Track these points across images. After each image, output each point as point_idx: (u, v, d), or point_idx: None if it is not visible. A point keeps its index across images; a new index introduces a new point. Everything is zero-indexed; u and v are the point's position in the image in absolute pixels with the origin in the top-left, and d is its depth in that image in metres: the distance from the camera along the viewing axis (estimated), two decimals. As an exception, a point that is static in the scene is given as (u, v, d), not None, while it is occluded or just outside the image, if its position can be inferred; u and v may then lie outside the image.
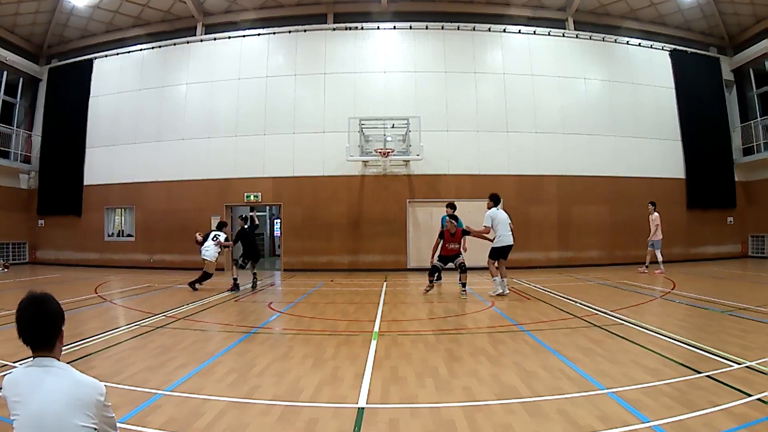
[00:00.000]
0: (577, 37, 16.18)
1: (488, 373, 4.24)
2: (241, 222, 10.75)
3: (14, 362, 4.31)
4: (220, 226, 10.83)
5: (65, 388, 1.76)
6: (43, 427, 1.69)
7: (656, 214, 12.51)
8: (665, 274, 11.88)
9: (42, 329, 1.82)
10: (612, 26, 16.71)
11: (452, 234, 8.98)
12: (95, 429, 1.79)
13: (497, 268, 8.96)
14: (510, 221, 9.09)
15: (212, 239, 10.34)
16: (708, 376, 3.89)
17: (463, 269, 8.89)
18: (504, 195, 15.00)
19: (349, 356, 4.91)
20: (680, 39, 17.02)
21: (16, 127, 17.08)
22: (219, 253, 10.44)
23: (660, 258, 12.36)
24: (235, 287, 10.09)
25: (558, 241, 15.37)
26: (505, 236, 8.91)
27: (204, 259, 10.23)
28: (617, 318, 6.57)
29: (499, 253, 8.97)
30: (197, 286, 10.10)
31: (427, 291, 9.33)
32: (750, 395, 3.40)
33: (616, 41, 16.35)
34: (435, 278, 9.58)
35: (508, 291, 9.01)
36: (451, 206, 9.41)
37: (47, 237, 17.26)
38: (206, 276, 10.23)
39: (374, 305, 8.22)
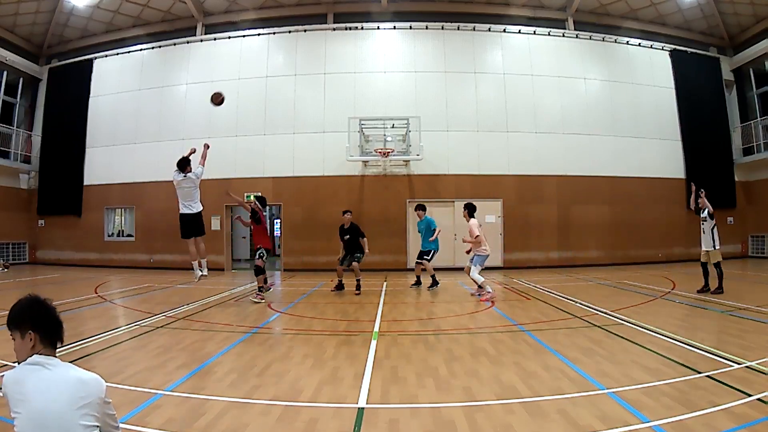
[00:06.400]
0: (577, 37, 16.17)
1: (488, 373, 4.24)
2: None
3: (14, 362, 4.31)
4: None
5: (68, 386, 1.76)
6: (46, 426, 1.68)
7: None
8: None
9: (53, 326, 1.88)
10: (612, 26, 16.70)
11: None
12: (98, 427, 1.79)
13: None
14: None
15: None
16: (708, 376, 3.89)
17: None
18: (504, 195, 15.14)
19: (349, 356, 4.91)
20: (680, 39, 17.01)
21: (16, 127, 17.06)
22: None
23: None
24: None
25: (558, 241, 15.36)
26: None
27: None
28: (617, 318, 6.57)
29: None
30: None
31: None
32: (750, 395, 3.40)
33: (616, 41, 16.34)
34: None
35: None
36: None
37: (47, 237, 17.24)
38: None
39: (374, 305, 8.22)
